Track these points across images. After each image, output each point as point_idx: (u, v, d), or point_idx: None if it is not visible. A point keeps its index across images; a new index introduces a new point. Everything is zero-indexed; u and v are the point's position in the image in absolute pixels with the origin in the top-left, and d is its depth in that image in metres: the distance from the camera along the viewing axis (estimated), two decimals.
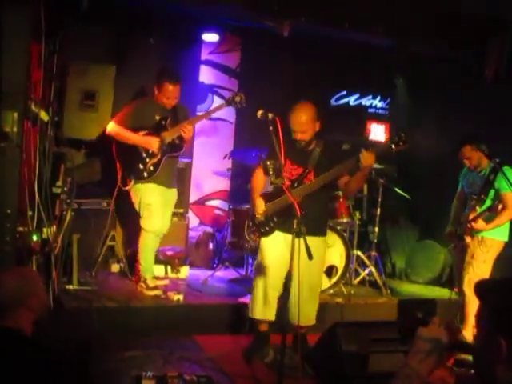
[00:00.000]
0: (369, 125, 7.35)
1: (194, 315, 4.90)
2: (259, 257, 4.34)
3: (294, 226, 3.42)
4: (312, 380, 3.93)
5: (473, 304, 4.69)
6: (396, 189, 6.32)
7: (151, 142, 5.01)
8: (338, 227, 5.75)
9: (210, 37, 6.50)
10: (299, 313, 4.01)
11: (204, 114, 5.57)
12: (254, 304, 4.28)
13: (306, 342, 4.33)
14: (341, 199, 5.71)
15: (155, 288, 5.09)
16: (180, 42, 6.29)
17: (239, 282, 5.78)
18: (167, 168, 5.12)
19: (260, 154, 5.64)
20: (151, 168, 5.04)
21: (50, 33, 4.44)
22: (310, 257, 3.36)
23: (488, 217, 4.73)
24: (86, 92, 5.42)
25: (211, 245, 6.33)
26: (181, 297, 4.97)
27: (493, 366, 1.50)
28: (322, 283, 4.88)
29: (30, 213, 4.32)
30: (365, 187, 6.32)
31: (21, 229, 4.30)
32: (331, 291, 5.59)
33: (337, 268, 5.66)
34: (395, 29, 5.56)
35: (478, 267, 4.83)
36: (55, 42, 4.67)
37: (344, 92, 7.25)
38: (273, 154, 3.85)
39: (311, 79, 6.60)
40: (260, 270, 4.27)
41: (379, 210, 6.16)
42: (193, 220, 6.64)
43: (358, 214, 5.98)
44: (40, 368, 2.01)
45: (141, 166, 5.03)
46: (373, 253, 6.21)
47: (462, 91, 6.34)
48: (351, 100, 7.32)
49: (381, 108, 7.50)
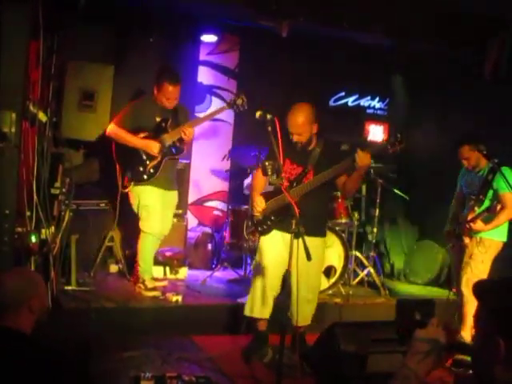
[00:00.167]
0: (367, 125, 7.35)
1: (193, 316, 4.90)
2: (258, 257, 4.34)
3: (293, 227, 3.43)
4: (310, 379, 3.93)
5: (471, 304, 4.69)
6: (394, 189, 6.33)
7: (151, 146, 4.96)
8: (337, 228, 5.76)
9: (209, 37, 6.50)
10: (298, 313, 4.02)
11: (205, 117, 5.49)
12: (253, 303, 4.29)
13: (305, 342, 4.33)
14: (339, 199, 5.71)
15: (154, 289, 5.09)
16: (178, 43, 6.29)
17: (238, 283, 5.78)
18: (167, 170, 5.09)
19: (258, 155, 5.65)
20: (151, 170, 5.01)
21: (49, 32, 4.43)
22: (309, 258, 3.36)
23: (487, 217, 4.73)
24: (85, 92, 5.40)
25: (210, 245, 6.33)
26: (179, 297, 4.96)
27: (491, 367, 1.50)
28: (321, 283, 4.88)
29: (29, 213, 4.31)
30: (363, 188, 6.32)
31: (19, 229, 4.29)
32: (330, 291, 5.59)
33: (335, 268, 5.66)
34: (394, 28, 5.55)
35: (476, 267, 4.83)
36: (53, 42, 4.65)
37: (342, 93, 7.25)
38: (272, 155, 3.85)
39: (310, 80, 6.60)
40: (258, 270, 4.28)
41: (378, 211, 6.16)
42: (191, 221, 6.64)
43: (357, 215, 5.98)
44: (40, 368, 2.01)
45: (141, 169, 5.00)
46: (371, 253, 6.22)
47: (462, 91, 6.34)
48: (350, 101, 7.32)
49: (379, 109, 7.50)
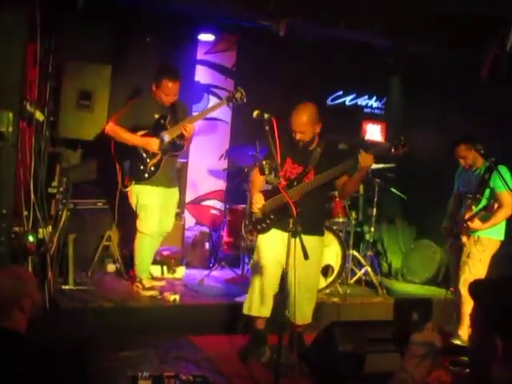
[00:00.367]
0: (365, 125, 7.36)
1: (191, 315, 4.90)
2: (256, 255, 4.34)
3: (290, 225, 3.43)
4: (308, 379, 3.93)
5: (469, 304, 4.69)
6: (392, 189, 6.33)
7: (151, 143, 4.93)
8: (334, 227, 5.76)
9: (206, 36, 6.50)
10: (296, 312, 4.02)
11: (204, 112, 5.43)
12: (251, 301, 4.29)
13: (303, 341, 4.33)
14: (337, 199, 5.71)
15: (151, 288, 5.08)
16: (176, 42, 6.27)
17: (235, 282, 5.77)
18: (167, 168, 5.06)
19: (256, 154, 5.65)
20: (152, 168, 4.98)
21: (46, 32, 4.42)
22: (306, 257, 3.36)
23: (484, 216, 4.74)
24: (82, 92, 5.39)
25: (207, 245, 6.33)
26: (177, 297, 4.96)
27: (488, 366, 1.49)
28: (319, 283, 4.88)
29: (26, 213, 4.31)
30: (361, 187, 6.33)
31: (16, 229, 4.29)
32: (327, 291, 5.59)
33: (333, 268, 5.66)
34: (392, 28, 5.55)
35: (474, 266, 4.84)
36: (51, 42, 4.64)
37: (340, 92, 7.25)
38: (269, 154, 3.86)
39: (307, 79, 6.60)
40: (257, 269, 4.28)
41: (375, 210, 6.16)
42: (189, 220, 6.63)
43: (354, 214, 5.98)
44: (36, 368, 2.00)
45: (141, 167, 4.96)
46: (369, 252, 6.22)
47: (461, 92, 6.33)
48: (347, 100, 7.32)
49: (377, 108, 7.51)
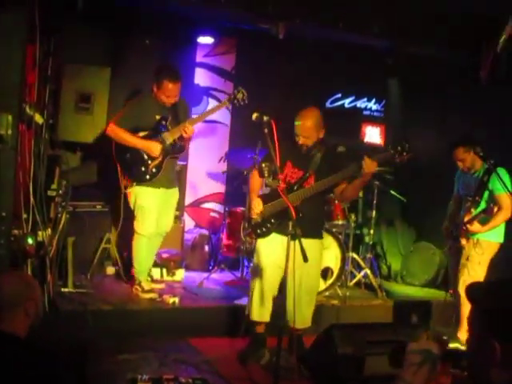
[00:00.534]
0: (364, 127, 7.36)
1: (190, 318, 4.90)
2: (256, 259, 4.34)
3: (290, 229, 3.43)
4: (308, 382, 3.93)
5: (468, 306, 4.66)
6: (391, 191, 6.33)
7: (152, 148, 4.89)
8: (334, 229, 5.76)
9: (205, 39, 6.51)
10: (296, 315, 4.02)
11: (205, 113, 5.37)
12: (251, 306, 4.29)
13: (302, 344, 4.32)
14: (336, 201, 5.71)
15: (151, 291, 5.08)
16: (175, 44, 6.28)
17: (235, 285, 5.77)
18: (168, 169, 5.04)
19: (255, 156, 5.65)
20: (153, 170, 4.95)
21: (45, 35, 4.42)
22: (305, 259, 3.37)
23: (483, 218, 4.73)
24: (81, 94, 5.39)
25: (207, 247, 6.33)
26: (176, 300, 4.96)
27: (487, 369, 1.49)
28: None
29: (25, 216, 4.31)
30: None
31: (16, 232, 4.28)
32: (327, 293, 5.59)
33: (332, 270, 5.66)
34: (392, 29, 5.56)
35: (473, 269, 4.84)
36: (50, 44, 4.65)
37: (339, 94, 7.26)
38: (269, 157, 3.85)
39: (306, 81, 6.60)
40: (256, 272, 4.27)
41: (374, 212, 6.17)
42: (188, 222, 6.63)
43: (354, 216, 5.99)
44: (35, 371, 2.00)
45: (143, 169, 4.94)
46: (368, 255, 6.23)
47: (460, 93, 6.33)
48: (346, 102, 7.33)
49: (376, 110, 7.51)
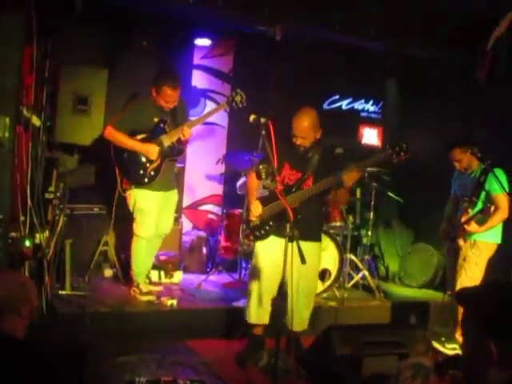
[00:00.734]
0: (361, 129, 7.37)
1: (188, 320, 4.89)
2: (254, 261, 4.33)
3: (287, 230, 3.44)
4: (306, 383, 3.92)
5: None
6: (389, 192, 6.34)
7: (150, 151, 4.87)
8: (331, 231, 5.77)
9: (203, 41, 6.52)
10: (293, 317, 4.02)
11: (203, 116, 5.31)
12: (249, 308, 4.28)
13: (300, 345, 4.32)
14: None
15: (149, 293, 5.07)
16: (173, 46, 6.28)
17: (233, 287, 5.77)
18: (166, 172, 5.03)
19: (253, 158, 5.66)
20: (152, 173, 4.94)
21: (42, 37, 4.42)
22: (303, 261, 3.37)
23: (480, 219, 4.74)
24: (79, 96, 5.38)
25: (204, 249, 6.32)
26: (174, 302, 4.95)
27: (483, 371, 1.49)
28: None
29: (23, 218, 4.30)
30: (358, 191, 6.33)
31: (13, 234, 4.28)
32: (324, 295, 5.59)
33: (330, 272, 5.66)
34: (389, 30, 5.57)
35: (471, 270, 4.84)
36: (47, 46, 4.64)
37: (337, 96, 7.27)
38: (266, 158, 3.85)
39: (304, 83, 6.61)
40: (255, 274, 4.27)
41: (372, 214, 6.17)
42: (186, 224, 6.63)
43: (351, 218, 5.99)
44: (36, 373, 2.00)
45: (141, 172, 4.93)
46: (366, 256, 6.22)
47: (459, 94, 6.32)
48: (343, 104, 7.34)
49: (373, 112, 7.52)
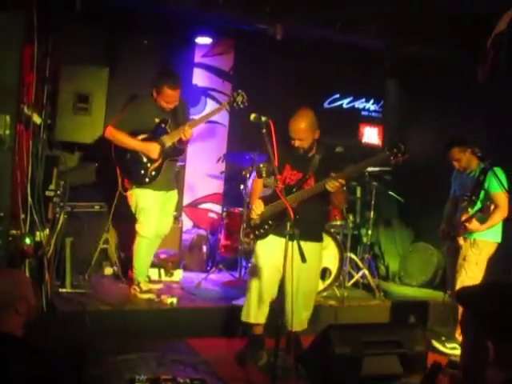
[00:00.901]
0: (362, 128, 7.37)
1: (188, 318, 4.90)
2: (254, 260, 4.33)
3: (287, 229, 3.43)
4: (305, 382, 3.93)
5: None
6: (389, 191, 6.34)
7: (151, 149, 4.88)
8: (332, 230, 5.76)
9: (204, 39, 6.51)
10: (293, 318, 4.02)
11: (204, 116, 5.30)
12: (249, 307, 4.28)
13: (300, 344, 4.32)
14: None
15: (149, 291, 5.08)
16: (173, 45, 6.29)
17: (233, 285, 5.77)
18: (167, 172, 5.03)
19: (254, 157, 5.66)
20: (153, 173, 4.94)
21: (43, 35, 4.42)
22: (304, 259, 3.36)
23: (480, 218, 4.74)
24: (79, 95, 5.38)
25: (205, 248, 6.32)
26: (174, 300, 4.95)
27: (482, 370, 1.51)
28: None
29: (23, 216, 4.31)
30: (358, 190, 6.34)
31: (13, 232, 4.28)
32: (324, 293, 5.59)
33: (330, 270, 5.67)
34: (391, 30, 5.57)
35: (470, 269, 4.84)
36: (48, 44, 4.65)
37: (337, 95, 7.26)
38: (267, 157, 3.85)
39: (304, 82, 6.61)
40: (255, 274, 4.26)
41: (372, 213, 6.17)
42: (186, 223, 6.63)
43: (352, 217, 6.00)
44: (35, 371, 2.00)
45: (142, 172, 4.93)
46: (366, 255, 6.23)
47: (459, 93, 6.33)
48: (344, 103, 7.33)
49: (374, 111, 7.52)
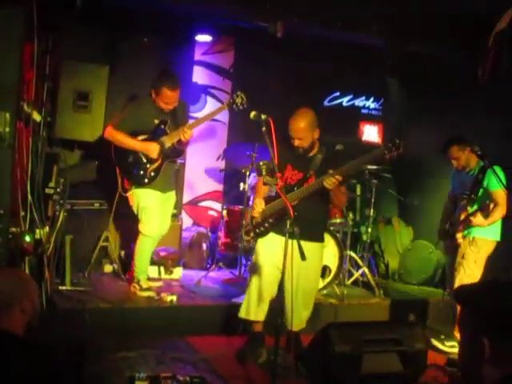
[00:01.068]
0: (362, 126, 7.37)
1: (188, 316, 4.90)
2: (254, 258, 4.33)
3: (287, 227, 3.43)
4: (305, 380, 3.93)
5: None
6: (389, 190, 6.34)
7: (151, 149, 4.89)
8: (331, 228, 5.77)
9: (204, 37, 6.51)
10: (293, 318, 4.02)
11: (204, 117, 5.27)
12: (249, 305, 4.28)
13: (300, 342, 4.33)
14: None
15: (148, 289, 5.08)
16: (173, 42, 6.28)
17: (233, 283, 5.77)
18: (166, 173, 5.04)
19: (253, 155, 5.66)
20: (152, 174, 4.95)
21: (43, 32, 4.42)
22: (303, 257, 3.37)
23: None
24: (79, 92, 5.37)
25: (205, 245, 6.33)
26: (174, 298, 4.96)
27: (479, 367, 1.53)
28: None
29: (23, 213, 4.31)
30: (358, 188, 6.34)
31: (13, 229, 4.28)
32: (324, 292, 5.60)
33: (330, 268, 5.67)
34: (391, 29, 5.56)
35: (469, 267, 4.84)
36: (48, 42, 4.64)
37: (337, 93, 7.26)
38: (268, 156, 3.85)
39: (305, 80, 6.61)
40: (255, 272, 4.27)
41: (372, 211, 6.17)
42: (186, 221, 6.63)
43: (351, 215, 6.00)
44: (36, 369, 2.00)
45: (141, 172, 4.94)
46: (366, 253, 6.23)
47: (460, 92, 6.32)
48: (344, 101, 7.33)
49: (374, 109, 7.52)
